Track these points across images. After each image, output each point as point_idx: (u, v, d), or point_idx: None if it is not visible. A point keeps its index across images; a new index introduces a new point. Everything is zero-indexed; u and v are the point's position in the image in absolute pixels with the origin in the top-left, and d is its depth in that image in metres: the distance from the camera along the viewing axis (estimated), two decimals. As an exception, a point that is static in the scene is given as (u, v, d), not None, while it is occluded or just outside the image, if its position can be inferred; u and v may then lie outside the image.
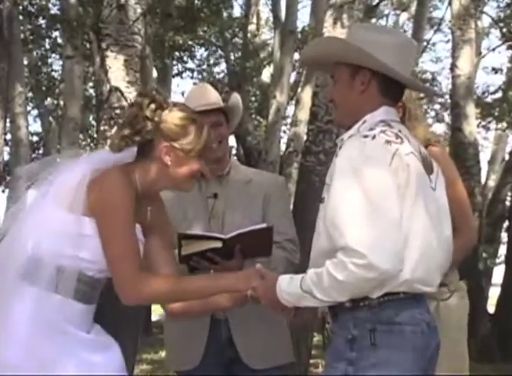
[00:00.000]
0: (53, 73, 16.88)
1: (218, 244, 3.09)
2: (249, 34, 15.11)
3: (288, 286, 2.45)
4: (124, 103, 5.36)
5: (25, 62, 13.62)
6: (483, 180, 12.62)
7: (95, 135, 14.98)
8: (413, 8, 16.55)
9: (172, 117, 2.57)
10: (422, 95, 9.30)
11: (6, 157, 12.20)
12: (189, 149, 2.57)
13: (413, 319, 2.40)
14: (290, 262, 3.31)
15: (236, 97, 3.52)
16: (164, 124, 2.56)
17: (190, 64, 17.12)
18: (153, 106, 2.56)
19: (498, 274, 12.27)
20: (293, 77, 14.84)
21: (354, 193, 2.31)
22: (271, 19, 15.88)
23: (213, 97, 3.44)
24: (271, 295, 2.49)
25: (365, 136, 2.40)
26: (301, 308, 2.48)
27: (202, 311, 2.80)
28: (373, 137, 2.39)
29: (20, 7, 11.87)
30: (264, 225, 3.21)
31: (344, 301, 2.36)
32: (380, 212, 2.29)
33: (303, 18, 31.71)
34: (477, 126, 13.68)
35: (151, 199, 2.67)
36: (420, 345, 2.40)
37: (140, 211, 2.59)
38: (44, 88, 16.06)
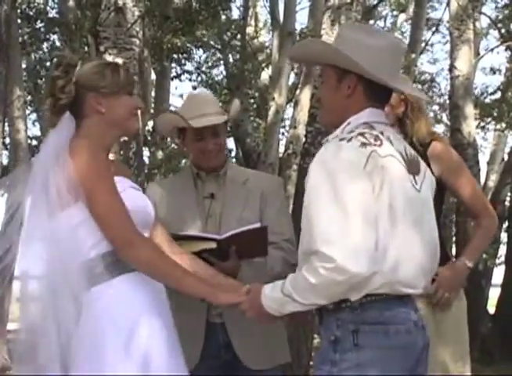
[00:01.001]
0: (52, 76, 16.85)
1: (212, 245, 3.09)
2: (247, 37, 15.10)
3: (271, 291, 2.46)
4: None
5: (23, 65, 13.61)
6: (482, 181, 12.61)
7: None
8: (411, 9, 16.54)
9: (86, 68, 2.68)
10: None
11: (5, 160, 12.20)
12: (113, 88, 2.66)
13: (397, 319, 2.41)
14: (287, 262, 3.29)
15: (236, 105, 3.53)
16: (82, 77, 2.64)
17: (189, 66, 17.12)
18: (60, 67, 2.65)
19: (498, 274, 12.26)
20: (291, 79, 14.84)
21: (326, 197, 2.33)
22: (269, 21, 15.88)
23: (215, 109, 3.43)
24: (256, 305, 2.50)
25: (342, 139, 2.42)
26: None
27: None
28: (349, 140, 2.41)
29: (18, 10, 11.86)
30: (258, 225, 3.21)
31: (323, 304, 2.37)
32: (352, 216, 2.31)
33: (301, 20, 31.76)
34: (476, 127, 13.67)
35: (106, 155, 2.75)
36: (404, 344, 2.41)
37: None
38: (42, 91, 16.04)
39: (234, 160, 15.01)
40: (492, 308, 10.54)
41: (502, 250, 12.67)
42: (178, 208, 3.37)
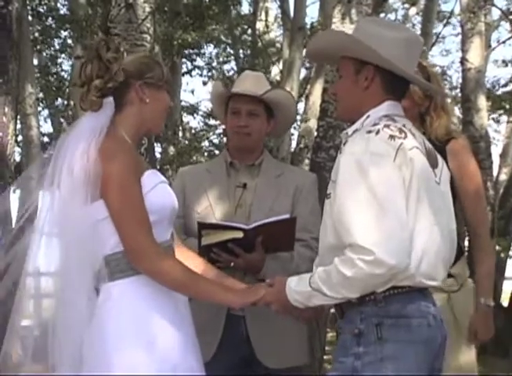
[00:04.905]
0: (63, 73, 16.91)
1: (239, 235, 3.07)
2: (258, 32, 15.09)
3: (297, 285, 2.46)
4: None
5: (35, 62, 13.66)
6: (495, 174, 12.56)
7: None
8: (422, 1, 16.49)
9: (133, 57, 2.74)
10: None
11: (18, 157, 12.25)
12: (158, 80, 2.70)
13: (419, 312, 2.42)
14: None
15: (276, 93, 3.45)
16: (130, 65, 2.67)
17: (199, 62, 17.16)
18: (111, 50, 2.66)
19: (511, 268, 12.23)
20: (302, 73, 14.82)
21: (360, 190, 2.32)
22: (279, 15, 15.87)
23: (254, 86, 3.40)
24: (282, 298, 2.50)
25: (369, 132, 2.41)
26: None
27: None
28: (377, 132, 2.40)
29: (29, 8, 11.90)
30: (287, 217, 3.18)
31: (354, 297, 2.37)
32: (386, 208, 2.30)
33: (311, 14, 31.68)
34: (488, 119, 13.61)
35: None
36: (426, 338, 2.41)
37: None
38: (54, 88, 16.09)
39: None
40: (505, 301, 10.50)
41: (515, 243, 12.62)
42: (208, 196, 3.36)
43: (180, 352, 2.56)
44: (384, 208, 2.30)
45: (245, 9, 18.01)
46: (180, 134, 16.58)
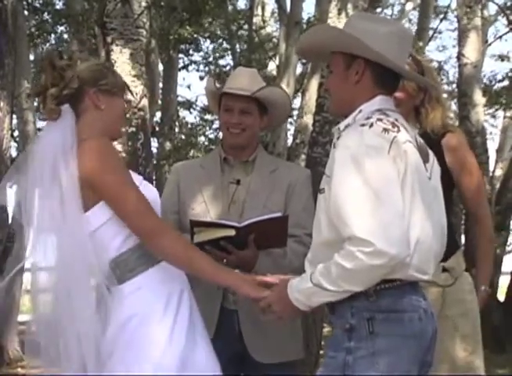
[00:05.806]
0: (59, 68, 16.85)
1: (232, 233, 3.06)
2: (254, 26, 15.07)
3: (299, 283, 2.45)
4: (130, 97, 5.35)
5: (31, 57, 13.62)
6: (491, 169, 12.56)
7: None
8: (419, -3, 16.48)
9: (86, 65, 2.73)
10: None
11: (14, 152, 12.21)
12: (112, 87, 2.71)
13: (410, 306, 2.42)
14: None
15: (269, 91, 3.43)
16: (83, 72, 2.68)
17: (196, 57, 17.13)
18: (64, 58, 2.68)
19: (508, 262, 12.25)
20: (299, 68, 14.80)
21: (356, 183, 2.32)
22: (276, 10, 15.84)
23: (246, 83, 3.38)
24: (283, 297, 2.49)
25: (363, 125, 2.41)
26: None
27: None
28: (371, 125, 2.40)
29: (25, 2, 11.86)
30: (279, 215, 3.18)
31: (357, 291, 2.36)
32: (383, 199, 2.30)
33: (308, 9, 31.64)
34: (484, 114, 13.60)
35: None
36: (417, 332, 2.41)
37: None
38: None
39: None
40: (501, 296, 10.52)
41: (512, 238, 12.65)
42: (202, 191, 3.36)
43: (197, 350, 2.62)
44: (380, 200, 2.31)
45: (241, 3, 18.00)
46: (176, 129, 16.57)
